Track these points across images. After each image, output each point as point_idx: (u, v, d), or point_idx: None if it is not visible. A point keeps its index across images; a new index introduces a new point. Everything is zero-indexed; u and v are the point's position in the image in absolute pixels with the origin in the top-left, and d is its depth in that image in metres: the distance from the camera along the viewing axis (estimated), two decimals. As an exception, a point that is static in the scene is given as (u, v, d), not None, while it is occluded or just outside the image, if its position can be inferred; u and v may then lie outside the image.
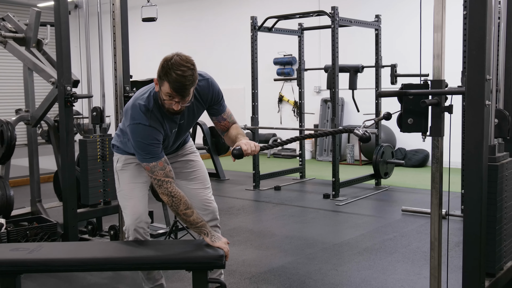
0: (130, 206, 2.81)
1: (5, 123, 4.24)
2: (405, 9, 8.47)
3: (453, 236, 4.36)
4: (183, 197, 2.64)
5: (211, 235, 2.69)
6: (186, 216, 2.65)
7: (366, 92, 7.64)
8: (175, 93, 2.44)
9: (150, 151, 2.59)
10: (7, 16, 4.46)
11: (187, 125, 2.82)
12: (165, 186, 2.62)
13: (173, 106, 2.48)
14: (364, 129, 2.58)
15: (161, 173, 2.61)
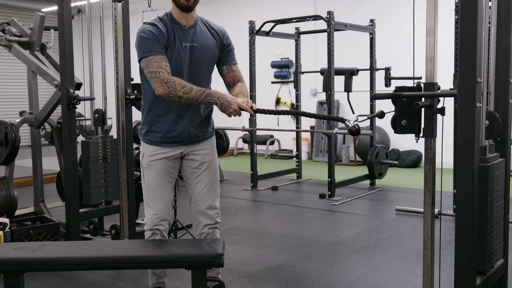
0: (152, 205, 2.90)
1: (10, 124, 4.31)
2: (399, 13, 8.59)
3: (445, 235, 4.46)
4: (176, 78, 2.63)
5: (220, 102, 2.64)
6: (187, 93, 2.61)
7: (361, 94, 7.75)
8: None
9: (149, 45, 2.68)
10: (12, 21, 4.54)
11: (202, 57, 2.82)
12: (158, 76, 2.62)
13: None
14: (355, 122, 2.66)
15: (155, 65, 2.64)
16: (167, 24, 2.77)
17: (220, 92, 2.68)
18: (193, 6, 2.76)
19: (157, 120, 2.86)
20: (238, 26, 10.39)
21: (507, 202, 2.91)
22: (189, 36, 2.79)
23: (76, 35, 4.32)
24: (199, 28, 2.84)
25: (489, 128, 2.70)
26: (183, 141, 2.89)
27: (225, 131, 7.79)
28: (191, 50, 2.79)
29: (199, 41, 2.81)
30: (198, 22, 2.86)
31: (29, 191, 5.27)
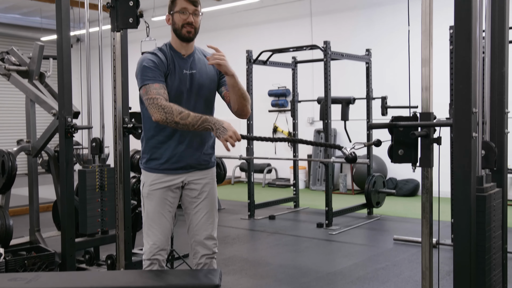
0: (152, 235, 2.88)
1: (7, 153, 4.31)
2: (394, 43, 8.69)
3: (444, 265, 4.43)
4: (173, 105, 2.66)
5: (216, 128, 2.65)
6: (184, 119, 2.63)
7: (358, 123, 7.78)
8: (188, 1, 2.76)
9: (148, 73, 2.73)
10: (11, 50, 4.57)
11: (202, 83, 2.88)
12: (156, 102, 2.65)
13: (187, 19, 2.77)
14: (352, 150, 2.67)
15: (153, 92, 2.69)
16: (167, 53, 2.84)
17: (217, 119, 2.69)
18: (193, 37, 2.86)
19: (159, 147, 2.87)
20: (235, 55, 10.47)
21: (505, 232, 2.90)
22: (189, 64, 2.87)
23: (74, 63, 4.36)
24: (197, 56, 2.92)
25: (485, 158, 2.71)
26: (185, 169, 2.89)
27: (222, 160, 7.80)
28: (191, 77, 2.86)
29: (198, 68, 2.89)
30: (196, 51, 2.95)
31: (25, 220, 5.23)
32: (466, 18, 2.29)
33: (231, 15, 11.14)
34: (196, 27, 2.84)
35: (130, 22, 4.00)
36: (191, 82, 2.86)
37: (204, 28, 10.90)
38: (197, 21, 2.83)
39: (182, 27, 2.79)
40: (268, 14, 10.65)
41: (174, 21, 2.81)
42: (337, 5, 9.76)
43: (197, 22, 2.84)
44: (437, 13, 3.16)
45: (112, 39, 4.04)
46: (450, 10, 2.33)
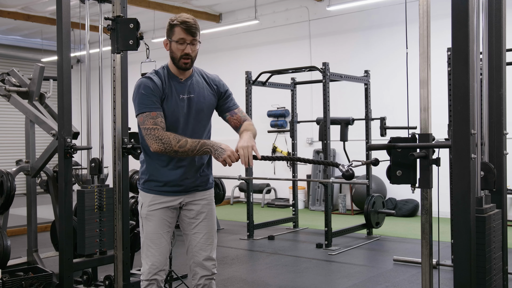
0: (150, 255, 2.88)
1: (6, 173, 4.31)
2: (392, 64, 8.76)
3: (444, 286, 4.40)
4: (170, 134, 2.69)
5: (214, 150, 2.69)
6: (182, 147, 2.66)
7: (357, 143, 7.81)
8: (186, 32, 2.74)
9: (145, 100, 2.74)
10: (12, 71, 4.60)
11: (200, 108, 2.88)
12: (153, 133, 2.68)
13: (185, 50, 2.75)
14: (349, 167, 2.68)
15: (151, 122, 2.70)
16: (164, 77, 2.84)
17: (215, 141, 2.74)
18: (190, 67, 2.86)
19: (158, 169, 2.87)
20: (234, 76, 10.57)
21: (505, 253, 2.89)
22: (186, 88, 2.86)
23: (74, 84, 4.38)
24: (195, 80, 2.91)
25: (484, 179, 2.71)
26: (184, 191, 2.90)
27: (221, 180, 7.79)
28: (189, 101, 2.85)
29: (196, 92, 2.88)
30: (194, 73, 2.94)
31: (23, 240, 5.21)
32: (464, 41, 2.31)
33: (230, 36, 11.24)
34: (193, 57, 2.82)
35: (130, 44, 4.03)
36: (189, 107, 2.86)
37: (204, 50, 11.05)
38: (195, 49, 2.82)
39: (180, 58, 2.79)
40: (267, 36, 10.75)
41: (172, 50, 2.80)
42: (336, 27, 9.85)
43: (195, 51, 2.83)
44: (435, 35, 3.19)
45: (112, 61, 4.07)
46: (448, 32, 2.35)
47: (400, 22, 8.51)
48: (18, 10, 10.46)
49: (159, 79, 2.81)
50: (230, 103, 3.00)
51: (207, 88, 2.94)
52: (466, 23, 2.30)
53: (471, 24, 2.33)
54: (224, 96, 3.00)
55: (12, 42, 12.56)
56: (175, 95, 2.83)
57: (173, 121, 2.81)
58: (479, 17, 2.69)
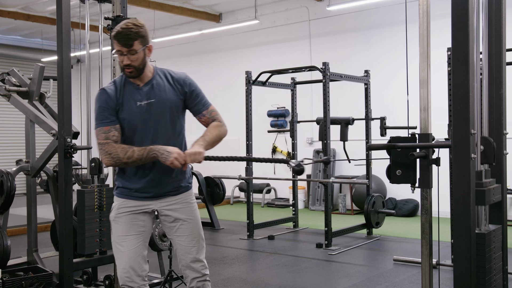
0: (119, 258, 2.83)
1: (6, 173, 4.31)
2: (392, 64, 8.75)
3: (444, 286, 4.40)
4: (118, 147, 2.69)
5: (160, 154, 2.66)
6: (131, 158, 2.67)
7: (357, 143, 7.81)
8: (119, 44, 2.66)
9: (99, 114, 2.76)
10: (12, 71, 4.60)
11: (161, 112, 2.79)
12: (104, 148, 2.70)
13: (124, 61, 2.69)
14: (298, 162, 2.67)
15: (102, 136, 2.71)
16: (119, 86, 2.81)
17: (161, 146, 2.70)
18: (137, 74, 2.77)
19: (129, 177, 2.85)
20: (234, 76, 10.60)
21: (505, 253, 2.89)
22: (144, 94, 2.79)
23: (75, 84, 4.38)
24: (156, 82, 2.83)
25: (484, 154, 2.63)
26: (153, 197, 2.85)
27: (221, 180, 7.80)
28: (148, 107, 2.78)
29: (156, 97, 2.80)
30: (156, 76, 2.85)
31: (23, 240, 5.21)
32: (464, 40, 2.31)
33: (230, 36, 11.24)
34: (136, 66, 2.73)
35: (130, 43, 4.02)
36: (149, 113, 2.78)
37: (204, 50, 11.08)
38: (136, 58, 2.71)
39: (122, 68, 2.75)
40: (267, 36, 10.75)
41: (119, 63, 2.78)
42: (336, 27, 9.85)
43: (138, 60, 2.72)
44: (435, 35, 3.19)
45: (112, 60, 4.08)
46: (448, 32, 2.35)
47: (400, 22, 8.51)
48: (18, 10, 10.46)
49: (113, 89, 2.79)
50: (198, 104, 2.90)
51: (170, 89, 2.84)
52: (466, 23, 2.30)
53: (471, 24, 2.33)
54: (191, 97, 2.89)
55: (12, 42, 12.56)
56: (132, 103, 2.78)
57: (131, 129, 2.78)
58: (479, 17, 2.69)
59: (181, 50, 12.11)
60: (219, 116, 2.95)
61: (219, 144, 2.92)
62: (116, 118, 2.77)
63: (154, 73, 2.85)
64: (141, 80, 2.81)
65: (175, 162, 2.64)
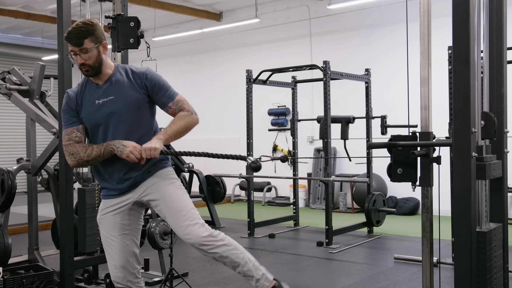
0: (108, 258, 2.88)
1: (6, 172, 4.32)
2: (393, 63, 8.75)
3: (445, 284, 4.41)
4: (79, 146, 2.76)
5: (116, 148, 2.71)
6: (90, 155, 2.74)
7: (357, 141, 7.81)
8: (69, 43, 2.71)
9: (63, 117, 2.85)
10: (12, 70, 4.61)
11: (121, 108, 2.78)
12: (67, 150, 2.78)
13: (78, 61, 2.73)
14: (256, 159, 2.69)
15: (66, 138, 2.79)
16: (81, 87, 2.86)
17: (118, 140, 2.75)
18: (94, 73, 2.79)
19: (101, 177, 2.90)
20: (235, 74, 10.60)
21: (506, 252, 2.89)
22: (103, 92, 2.81)
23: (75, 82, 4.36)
24: (115, 79, 2.83)
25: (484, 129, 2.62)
26: (127, 190, 2.87)
27: (222, 178, 7.80)
28: (108, 105, 2.79)
29: (115, 93, 2.80)
30: (116, 73, 2.85)
31: (24, 239, 5.22)
32: (464, 39, 2.31)
33: (231, 35, 11.24)
34: (91, 64, 2.75)
35: (131, 42, 4.04)
36: (110, 110, 2.79)
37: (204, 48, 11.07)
38: (90, 57, 2.74)
39: (80, 68, 2.78)
40: (268, 34, 10.75)
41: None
42: (336, 26, 9.85)
43: (91, 58, 2.75)
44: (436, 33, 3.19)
45: (112, 59, 4.08)
46: (449, 30, 2.36)
47: (401, 21, 8.50)
48: (18, 9, 10.46)
49: (75, 91, 2.85)
50: (163, 97, 2.84)
51: (129, 85, 2.82)
52: (467, 21, 2.30)
53: (472, 23, 2.33)
54: (154, 90, 2.84)
55: (13, 40, 12.56)
56: (91, 103, 2.81)
57: (93, 128, 2.83)
58: (480, 15, 2.69)
59: (181, 49, 12.11)
60: (186, 106, 2.86)
61: (220, 143, 2.94)
62: (78, 119, 2.82)
63: (114, 70, 2.85)
64: (100, 79, 2.83)
65: (131, 156, 2.68)
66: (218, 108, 11.35)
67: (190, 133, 2.92)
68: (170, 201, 2.85)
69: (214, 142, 11.16)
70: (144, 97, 2.82)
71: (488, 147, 2.65)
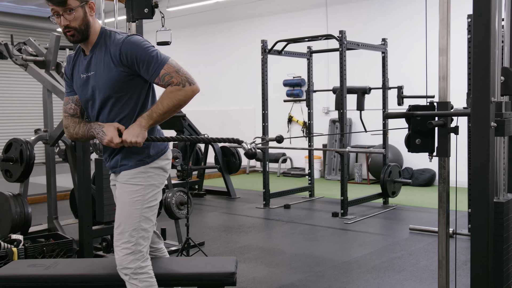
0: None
1: (25, 142, 4.37)
2: (410, 32, 8.60)
3: (460, 254, 4.41)
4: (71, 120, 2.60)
5: (96, 133, 2.49)
6: (77, 133, 2.58)
7: (373, 112, 7.76)
8: (52, 3, 2.37)
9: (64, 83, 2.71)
10: (28, 41, 4.61)
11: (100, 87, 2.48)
12: (63, 121, 2.65)
13: (61, 23, 2.42)
14: (252, 145, 2.50)
15: (63, 109, 2.66)
16: (75, 54, 2.63)
17: (99, 124, 2.50)
18: (80, 38, 2.47)
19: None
20: (250, 45, 10.51)
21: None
22: (86, 65, 2.53)
23: (91, 54, 4.36)
24: (97, 51, 2.50)
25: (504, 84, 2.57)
26: (112, 170, 2.67)
27: (237, 149, 7.82)
28: (92, 79, 2.51)
29: (96, 68, 2.49)
30: (99, 41, 2.50)
31: (43, 208, 5.31)
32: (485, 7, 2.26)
33: (245, 5, 11.11)
34: (76, 27, 2.42)
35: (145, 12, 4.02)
36: (91, 87, 2.51)
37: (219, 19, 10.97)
38: (75, 17, 2.41)
39: (64, 32, 2.46)
40: (283, 4, 10.60)
41: None
42: (353, -6, 9.69)
43: (77, 19, 2.42)
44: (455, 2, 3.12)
45: (127, 30, 4.07)
46: None
47: (419, -11, 8.32)
48: (33, -21, 10.43)
49: (71, 58, 2.62)
50: (146, 72, 2.42)
51: (106, 60, 2.46)
52: (488, -12, 2.25)
53: (493, -11, 2.27)
54: (134, 65, 2.43)
55: (28, 11, 12.56)
56: (78, 75, 2.57)
57: (84, 103, 2.60)
58: (502, -18, 2.62)
59: (196, 19, 12.02)
60: (175, 78, 2.39)
61: (234, 114, 2.87)
62: (73, 88, 2.63)
63: (98, 37, 2.50)
64: (87, 47, 2.52)
65: (111, 145, 2.46)
66: (232, 79, 11.31)
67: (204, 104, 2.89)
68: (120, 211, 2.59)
69: (228, 114, 11.16)
70: (122, 74, 2.45)
71: (508, 103, 2.60)
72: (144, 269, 2.53)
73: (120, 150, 2.57)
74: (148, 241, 2.58)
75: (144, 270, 2.53)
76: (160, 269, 2.72)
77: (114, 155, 2.60)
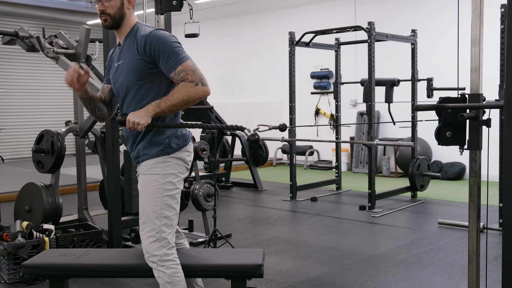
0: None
1: (56, 134, 4.45)
2: (441, 24, 8.46)
3: (491, 249, 4.34)
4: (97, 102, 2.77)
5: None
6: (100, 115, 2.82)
7: (402, 105, 7.67)
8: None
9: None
10: (59, 34, 4.69)
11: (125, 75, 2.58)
12: None
13: (98, 8, 2.55)
14: (254, 131, 2.53)
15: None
16: (115, 47, 2.76)
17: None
18: (112, 25, 2.59)
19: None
20: (278, 37, 10.47)
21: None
22: (119, 54, 2.66)
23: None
24: (128, 41, 2.61)
25: None
26: (135, 159, 2.71)
27: (264, 142, 7.83)
28: (121, 68, 2.62)
29: (124, 58, 2.61)
30: (131, 33, 2.62)
31: (73, 199, 5.41)
32: (520, -5, 2.20)
33: (273, -4, 11.07)
34: (111, 14, 2.54)
35: (173, 4, 4.03)
36: (120, 74, 2.63)
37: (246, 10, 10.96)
38: (113, 5, 2.53)
39: (99, 16, 2.58)
40: (311, -5, 10.53)
41: None
42: (382, -15, 9.55)
43: (114, 7, 2.54)
44: (488, -10, 3.05)
45: (156, 22, 4.09)
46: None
47: (450, -21, 8.16)
48: (63, -27, 10.55)
49: (113, 48, 2.78)
50: (165, 65, 2.50)
51: (132, 49, 2.56)
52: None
53: (529, -22, 2.21)
54: (155, 57, 2.51)
55: (58, 5, 12.73)
56: (113, 64, 2.70)
57: (115, 91, 2.70)
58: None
59: (224, 11, 12.03)
60: (190, 75, 2.46)
61: (261, 106, 2.87)
62: (108, 78, 2.79)
63: (131, 30, 2.62)
64: (120, 38, 2.65)
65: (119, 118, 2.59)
66: (260, 71, 11.29)
67: (231, 97, 2.89)
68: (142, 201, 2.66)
69: (255, 106, 11.16)
70: (143, 63, 2.54)
71: None
72: (170, 256, 2.59)
73: (142, 139, 2.63)
74: (172, 229, 2.63)
75: (170, 258, 2.59)
76: (187, 259, 2.73)
77: (136, 143, 2.66)
